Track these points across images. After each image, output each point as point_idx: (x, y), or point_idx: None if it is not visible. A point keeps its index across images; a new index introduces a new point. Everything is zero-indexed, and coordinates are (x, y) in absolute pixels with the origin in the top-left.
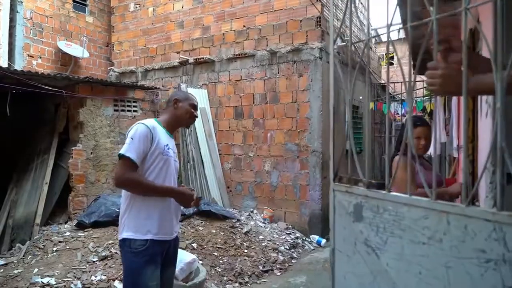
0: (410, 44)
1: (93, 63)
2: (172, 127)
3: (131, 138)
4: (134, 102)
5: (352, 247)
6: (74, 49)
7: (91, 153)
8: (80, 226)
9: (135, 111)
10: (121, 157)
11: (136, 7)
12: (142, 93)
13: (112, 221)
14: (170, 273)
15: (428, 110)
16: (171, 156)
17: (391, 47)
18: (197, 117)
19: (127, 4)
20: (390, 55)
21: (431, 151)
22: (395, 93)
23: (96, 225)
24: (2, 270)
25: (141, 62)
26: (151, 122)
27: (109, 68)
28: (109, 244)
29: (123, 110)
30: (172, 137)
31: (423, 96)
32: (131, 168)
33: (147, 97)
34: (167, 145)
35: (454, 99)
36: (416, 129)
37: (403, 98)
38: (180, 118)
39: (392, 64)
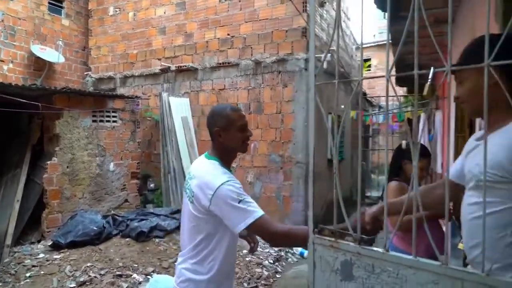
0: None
1: (68, 67)
2: (230, 162)
3: (239, 199)
4: (113, 112)
5: None
6: (49, 54)
7: (67, 167)
8: (55, 246)
9: (114, 121)
10: (255, 221)
11: (116, 11)
12: (122, 103)
13: (90, 241)
14: None
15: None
16: None
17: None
18: (251, 135)
19: (106, 7)
20: (368, 63)
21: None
22: (374, 100)
23: (72, 245)
24: None
25: (120, 68)
26: (217, 170)
27: (85, 73)
28: (87, 267)
29: (101, 121)
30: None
31: (404, 103)
32: (272, 221)
33: (127, 106)
34: None
35: (439, 115)
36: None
37: (381, 107)
38: (234, 149)
39: (369, 69)
